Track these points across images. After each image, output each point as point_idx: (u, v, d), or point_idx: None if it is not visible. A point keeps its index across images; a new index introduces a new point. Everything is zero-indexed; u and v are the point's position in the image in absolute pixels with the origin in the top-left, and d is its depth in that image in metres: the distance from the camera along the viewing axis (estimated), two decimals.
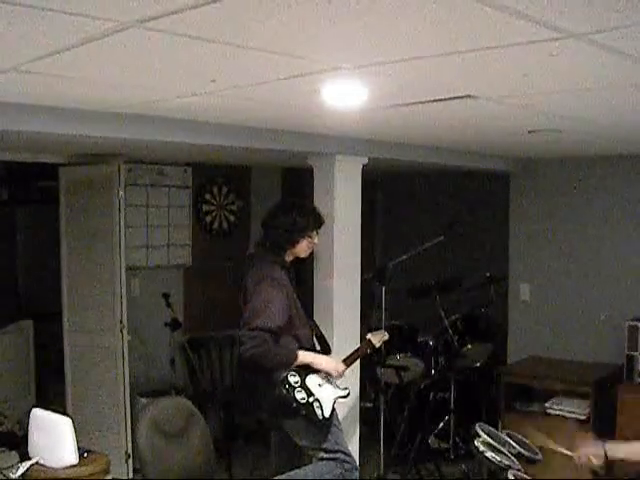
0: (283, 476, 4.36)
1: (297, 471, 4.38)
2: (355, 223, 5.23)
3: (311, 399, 4.25)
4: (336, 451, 4.37)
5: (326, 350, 4.64)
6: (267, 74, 2.78)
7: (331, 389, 4.40)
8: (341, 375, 4.48)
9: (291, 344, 4.33)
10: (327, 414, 4.28)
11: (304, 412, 4.23)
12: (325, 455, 4.35)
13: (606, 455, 3.54)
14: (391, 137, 5.07)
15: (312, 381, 4.32)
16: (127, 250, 5.80)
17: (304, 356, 4.32)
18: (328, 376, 4.41)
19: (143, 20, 1.97)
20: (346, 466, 4.38)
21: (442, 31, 2.11)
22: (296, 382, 4.24)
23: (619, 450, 3.57)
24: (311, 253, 4.66)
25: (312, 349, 4.52)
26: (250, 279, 4.38)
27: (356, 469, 4.50)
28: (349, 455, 4.45)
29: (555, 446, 3.66)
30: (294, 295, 4.43)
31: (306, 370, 4.31)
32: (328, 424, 4.33)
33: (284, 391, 4.18)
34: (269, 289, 4.25)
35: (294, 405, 4.20)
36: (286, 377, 4.20)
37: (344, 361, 4.59)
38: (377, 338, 4.88)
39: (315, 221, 4.52)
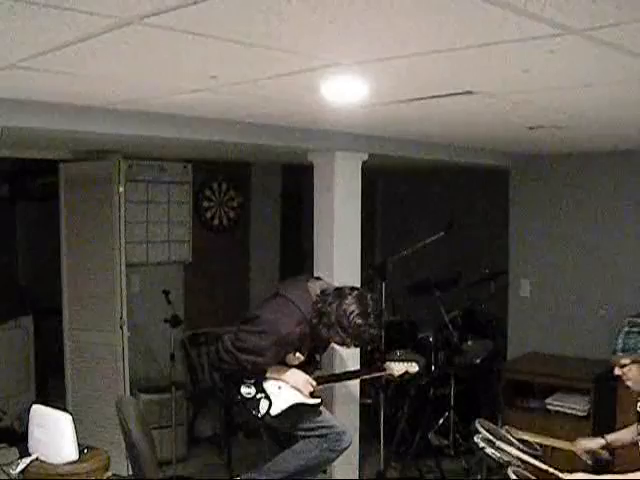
0: (266, 465, 4.40)
1: (277, 458, 4.38)
2: (355, 219, 5.22)
3: (259, 395, 4.26)
4: (313, 428, 4.34)
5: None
6: (267, 70, 2.78)
7: (291, 393, 4.35)
8: (310, 390, 4.40)
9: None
10: (274, 412, 4.26)
11: (248, 407, 4.25)
12: (302, 433, 4.34)
13: (608, 444, 3.66)
14: (391, 133, 5.07)
15: (271, 383, 4.33)
16: (127, 246, 5.81)
17: (271, 372, 4.33)
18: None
19: (143, 16, 1.97)
20: (331, 437, 4.33)
21: (442, 27, 2.11)
22: (247, 379, 4.30)
23: (618, 438, 3.73)
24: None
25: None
26: (266, 308, 4.37)
27: (343, 433, 4.38)
28: (331, 426, 4.38)
29: (553, 442, 3.71)
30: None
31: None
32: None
33: (231, 386, 4.28)
34: (275, 342, 4.21)
35: (238, 399, 4.26)
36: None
37: (326, 377, 4.59)
38: (397, 368, 4.73)
39: (365, 334, 4.23)
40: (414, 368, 4.75)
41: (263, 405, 4.26)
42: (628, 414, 4.83)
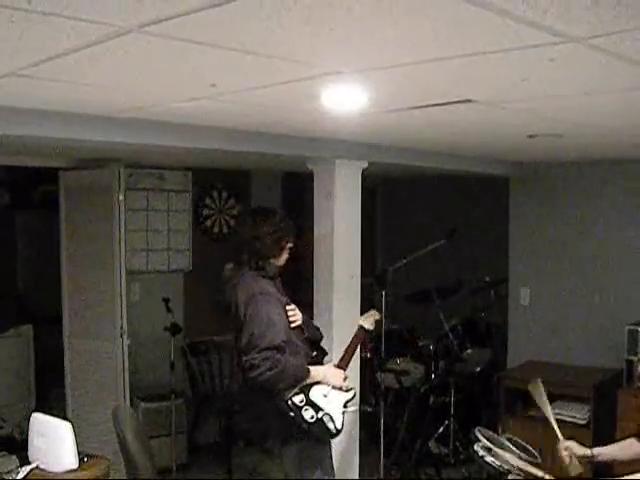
0: None
1: None
2: (355, 227, 5.22)
3: (320, 414, 4.06)
4: None
5: (323, 354, 4.56)
6: (266, 78, 2.78)
7: (337, 396, 4.22)
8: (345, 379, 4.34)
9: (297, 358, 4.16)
10: (339, 425, 4.12)
11: (317, 432, 4.06)
12: None
13: (593, 456, 3.65)
14: (391, 141, 5.07)
15: (316, 394, 4.12)
16: (127, 255, 5.80)
17: (315, 372, 4.14)
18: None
19: (143, 25, 1.97)
20: None
21: (441, 35, 2.11)
22: (301, 401, 4.03)
23: (606, 451, 3.71)
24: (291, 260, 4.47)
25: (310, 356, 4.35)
26: (239, 299, 4.14)
27: None
28: None
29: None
30: (287, 305, 4.26)
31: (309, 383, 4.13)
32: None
33: (292, 414, 3.99)
34: (267, 305, 4.04)
35: (305, 427, 4.01)
36: (290, 399, 4.01)
37: (341, 361, 4.52)
38: (369, 321, 4.67)
39: (292, 225, 4.34)
40: (377, 315, 4.73)
41: (328, 422, 4.09)
42: (628, 422, 4.83)
